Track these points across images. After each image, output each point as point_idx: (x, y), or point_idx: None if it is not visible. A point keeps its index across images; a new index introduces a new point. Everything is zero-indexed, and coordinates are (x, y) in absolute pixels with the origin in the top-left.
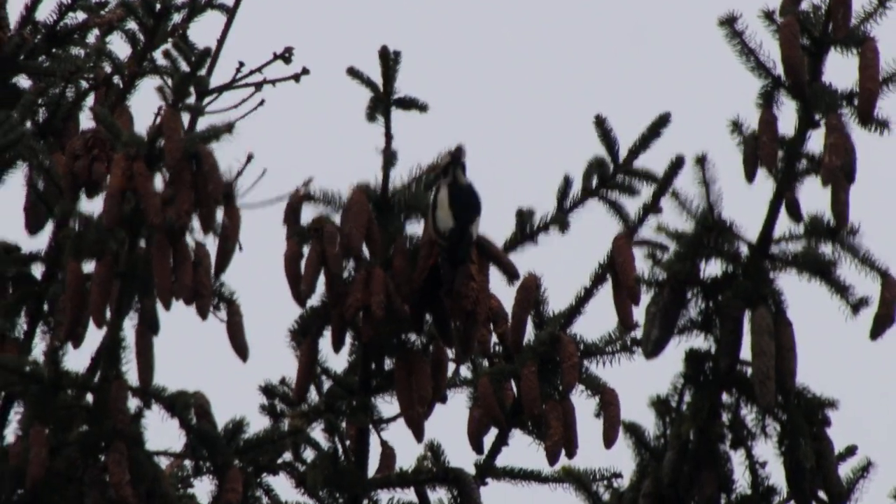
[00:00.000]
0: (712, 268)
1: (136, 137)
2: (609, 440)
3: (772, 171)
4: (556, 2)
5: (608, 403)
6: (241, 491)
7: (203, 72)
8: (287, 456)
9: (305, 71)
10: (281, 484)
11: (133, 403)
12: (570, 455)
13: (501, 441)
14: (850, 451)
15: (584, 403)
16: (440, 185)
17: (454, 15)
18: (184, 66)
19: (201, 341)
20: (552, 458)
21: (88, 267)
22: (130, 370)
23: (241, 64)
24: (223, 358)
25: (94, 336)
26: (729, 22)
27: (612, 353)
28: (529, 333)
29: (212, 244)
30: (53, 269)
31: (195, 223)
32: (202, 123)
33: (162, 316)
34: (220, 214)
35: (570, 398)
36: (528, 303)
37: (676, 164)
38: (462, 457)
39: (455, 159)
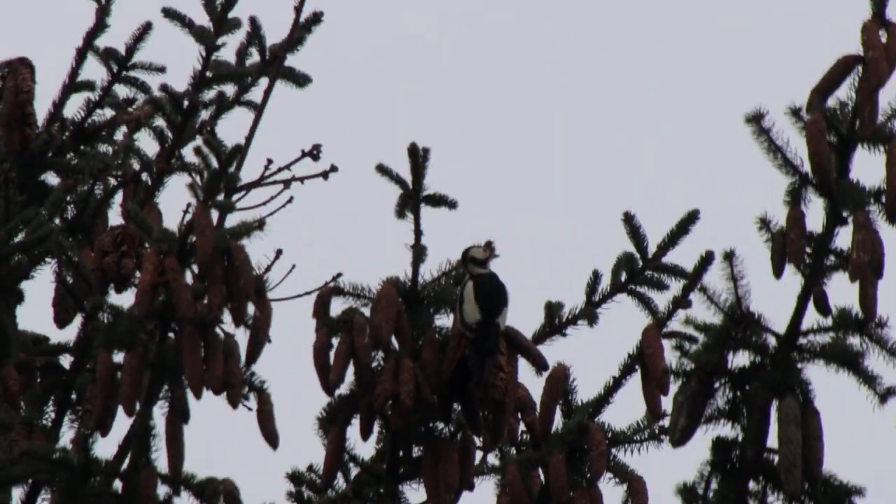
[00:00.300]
0: (740, 359)
1: (168, 233)
2: None
3: (800, 267)
4: (581, 99)
5: (636, 491)
6: None
7: (233, 169)
8: None
9: (334, 168)
10: None
11: (163, 490)
12: None
13: None
14: None
15: (611, 491)
16: (466, 279)
17: (481, 111)
18: (214, 163)
19: (231, 430)
20: None
21: (118, 357)
22: (160, 458)
23: (270, 161)
24: (252, 446)
25: (122, 423)
26: (756, 119)
27: (640, 441)
28: (557, 422)
29: (242, 335)
30: (81, 360)
31: (226, 315)
32: (231, 220)
33: (192, 405)
34: (251, 308)
35: (598, 486)
36: (557, 392)
37: (706, 260)
38: None
39: (464, 258)
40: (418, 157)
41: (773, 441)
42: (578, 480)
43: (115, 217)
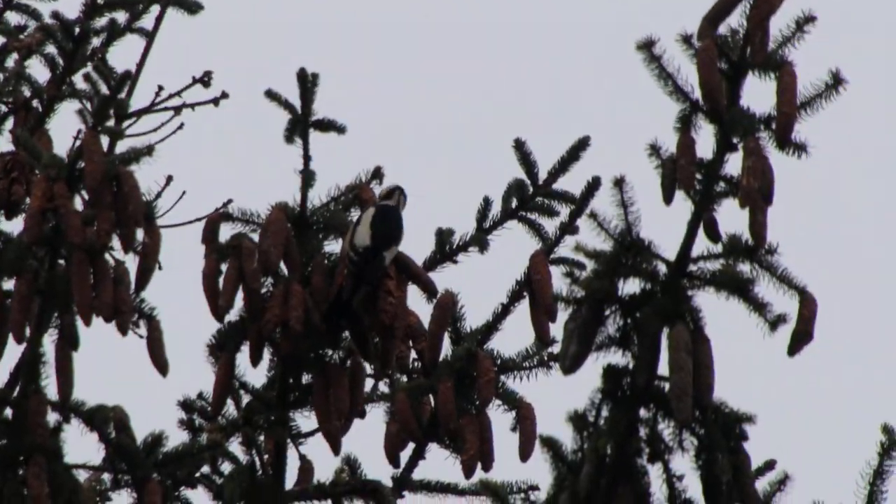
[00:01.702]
0: (630, 286)
1: (57, 159)
2: (525, 454)
3: (690, 193)
4: (475, 26)
5: (524, 418)
6: None
7: (123, 95)
8: (205, 469)
9: (224, 95)
10: (199, 497)
11: (52, 417)
12: (487, 469)
13: (418, 455)
14: (769, 465)
15: (500, 418)
16: (370, 207)
17: (372, 37)
18: (104, 90)
19: (121, 357)
20: (468, 472)
21: (8, 284)
22: (50, 385)
23: (161, 88)
24: (142, 373)
25: (13, 352)
26: (647, 46)
27: (530, 368)
28: (447, 349)
29: (132, 262)
30: None
31: (116, 242)
32: (122, 146)
33: (82, 332)
34: (140, 234)
35: (487, 413)
36: (445, 319)
37: (593, 185)
38: (379, 471)
39: (402, 191)
40: (307, 82)
41: (663, 369)
42: (467, 407)
43: (5, 144)
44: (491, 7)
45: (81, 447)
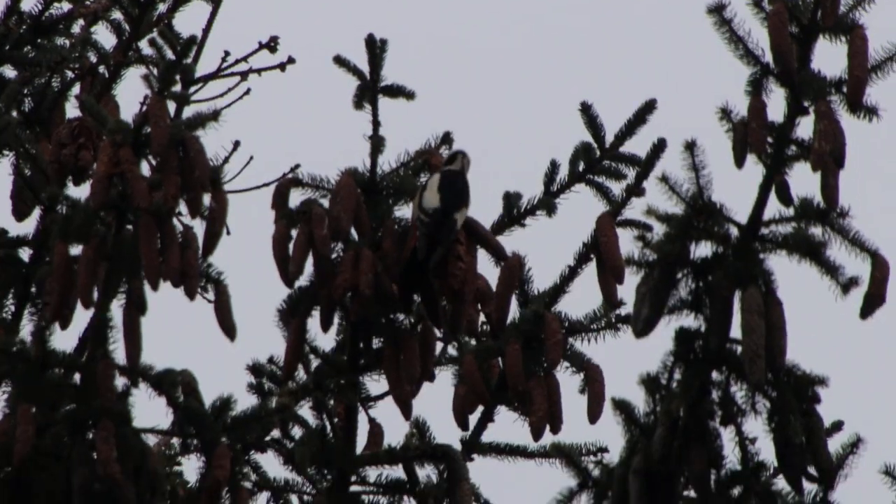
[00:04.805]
0: (702, 249)
1: (123, 124)
2: (593, 416)
3: (761, 156)
4: None
5: (592, 379)
6: (229, 468)
7: (189, 60)
8: (275, 433)
9: (291, 60)
10: (269, 461)
11: (120, 382)
12: (555, 431)
13: (487, 417)
14: (837, 426)
15: (569, 380)
16: (434, 172)
17: (441, 4)
18: (170, 55)
19: (189, 322)
20: (536, 434)
21: (76, 250)
22: (118, 349)
23: (227, 53)
24: (211, 338)
25: (81, 317)
26: (718, 10)
27: (598, 330)
28: (515, 312)
29: (199, 227)
30: (41, 252)
31: (183, 207)
32: (188, 112)
33: (150, 297)
34: (207, 199)
35: (555, 374)
36: (512, 282)
37: (659, 147)
38: (448, 434)
39: (465, 154)
40: (375, 48)
41: (736, 331)
42: (535, 370)
43: (72, 110)
44: None
45: (150, 411)
